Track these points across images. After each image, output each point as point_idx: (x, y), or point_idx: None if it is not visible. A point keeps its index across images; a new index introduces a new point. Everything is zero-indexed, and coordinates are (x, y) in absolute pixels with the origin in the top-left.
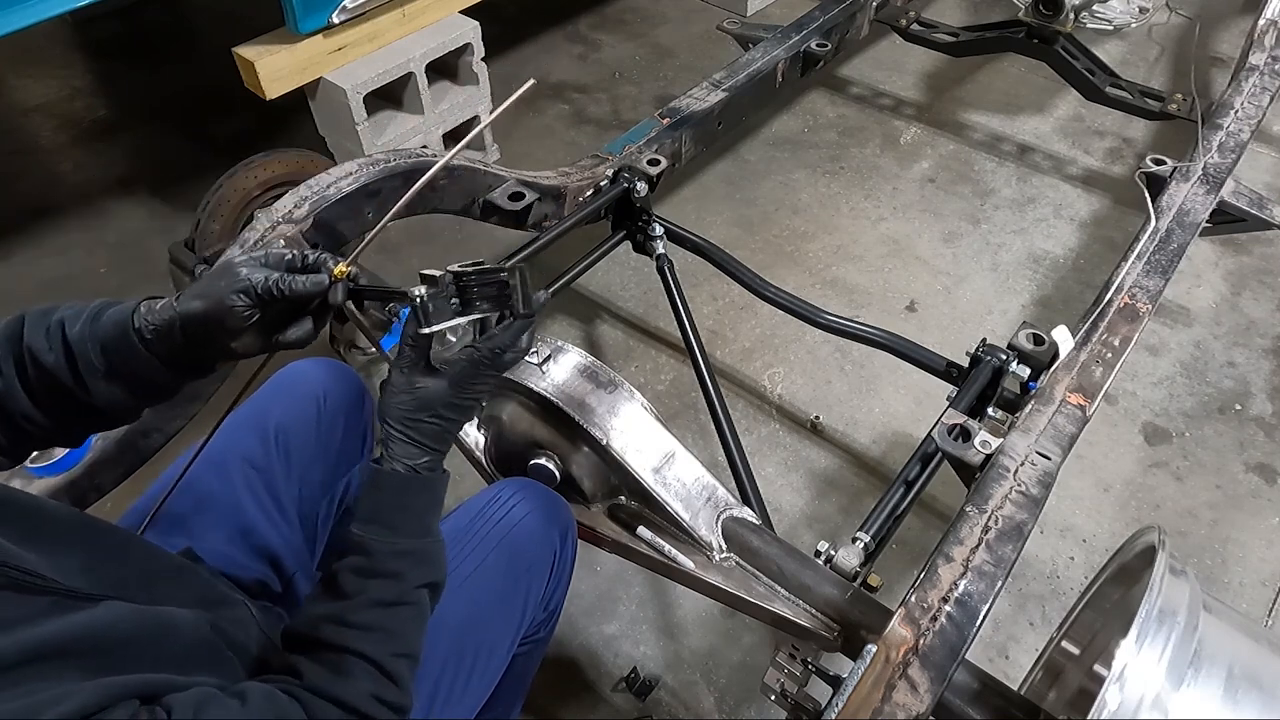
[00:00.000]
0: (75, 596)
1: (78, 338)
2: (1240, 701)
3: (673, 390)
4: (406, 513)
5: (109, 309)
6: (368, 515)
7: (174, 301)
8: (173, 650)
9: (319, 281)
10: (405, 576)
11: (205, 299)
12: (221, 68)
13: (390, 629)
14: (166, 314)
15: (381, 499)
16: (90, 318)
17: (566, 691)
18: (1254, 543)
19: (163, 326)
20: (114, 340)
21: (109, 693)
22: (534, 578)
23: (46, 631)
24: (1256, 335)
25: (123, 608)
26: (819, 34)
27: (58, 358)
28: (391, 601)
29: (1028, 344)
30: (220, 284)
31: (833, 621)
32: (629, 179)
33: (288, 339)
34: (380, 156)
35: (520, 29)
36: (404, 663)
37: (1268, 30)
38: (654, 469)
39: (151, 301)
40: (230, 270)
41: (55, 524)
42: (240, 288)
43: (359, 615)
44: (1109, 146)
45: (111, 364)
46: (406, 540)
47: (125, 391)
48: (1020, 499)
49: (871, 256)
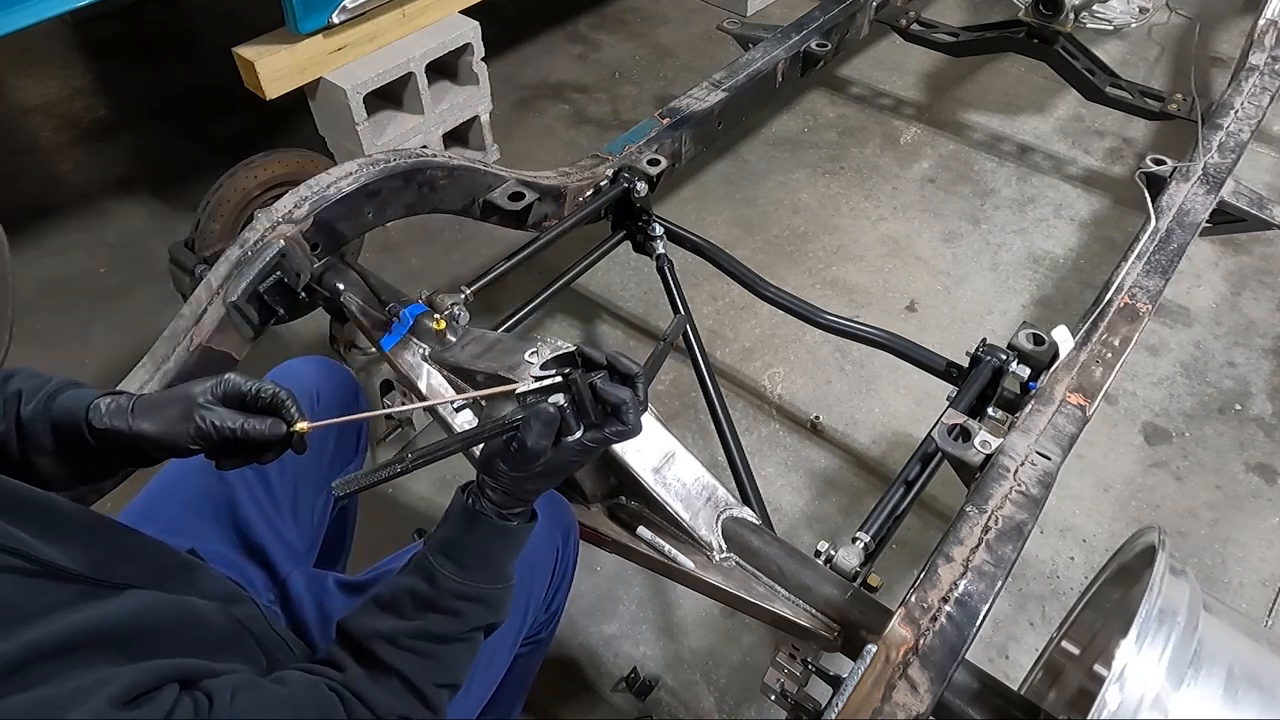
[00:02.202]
0: (102, 585)
1: (29, 416)
2: (1240, 701)
3: (673, 390)
4: (484, 558)
5: (66, 390)
6: (446, 549)
7: (129, 413)
8: (202, 638)
9: (278, 428)
10: (466, 617)
11: (160, 427)
12: (221, 68)
13: (438, 660)
14: (120, 422)
15: (465, 541)
16: (46, 396)
17: (566, 691)
18: (1254, 543)
19: (113, 431)
20: (65, 426)
21: (153, 675)
22: (536, 579)
23: (82, 618)
24: (1256, 335)
25: (151, 596)
26: (819, 34)
27: (8, 429)
28: (446, 637)
29: (1028, 344)
30: (177, 419)
31: (833, 621)
32: (629, 179)
33: (228, 467)
34: (380, 156)
35: (520, 29)
36: (445, 692)
37: (1268, 30)
38: (654, 469)
39: (111, 399)
40: (188, 406)
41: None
42: (197, 432)
43: (411, 641)
44: (1109, 146)
45: (59, 446)
46: (476, 585)
47: (68, 471)
48: (1020, 499)
49: (871, 256)
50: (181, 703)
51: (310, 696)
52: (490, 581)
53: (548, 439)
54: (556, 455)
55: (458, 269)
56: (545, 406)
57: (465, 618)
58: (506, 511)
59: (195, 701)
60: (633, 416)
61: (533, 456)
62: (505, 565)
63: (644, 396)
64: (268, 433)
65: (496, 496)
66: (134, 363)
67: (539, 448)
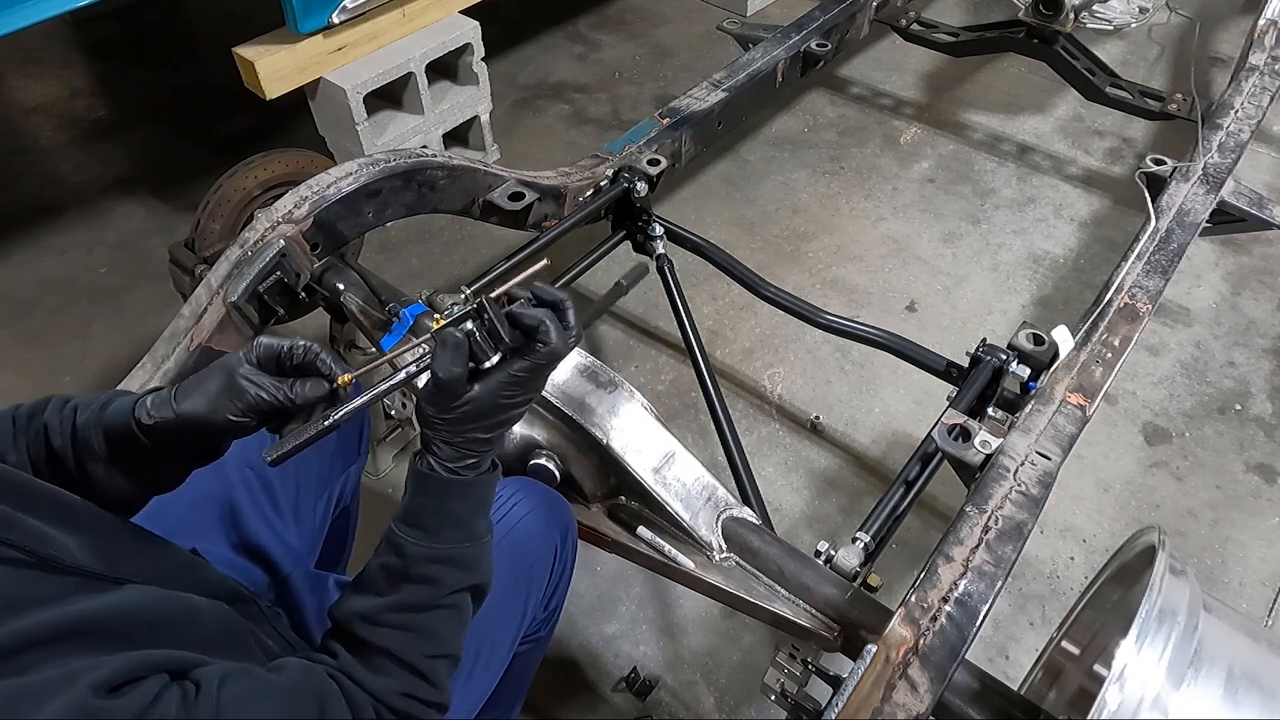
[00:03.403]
0: (101, 579)
1: (84, 423)
2: (1240, 701)
3: (673, 390)
4: (445, 516)
5: (118, 400)
6: (407, 517)
7: (172, 400)
8: (199, 634)
9: (321, 387)
10: (441, 582)
11: (205, 406)
12: (221, 68)
13: (422, 631)
14: (166, 412)
15: (422, 502)
16: (100, 405)
17: (566, 691)
18: (1254, 543)
19: (162, 422)
20: (116, 429)
21: (139, 663)
22: (535, 576)
23: (80, 609)
24: (1256, 335)
25: (150, 591)
26: (819, 34)
27: (64, 441)
28: (423, 606)
29: (1028, 344)
30: (220, 395)
31: (833, 621)
32: (629, 179)
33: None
34: (380, 156)
35: (520, 29)
36: (440, 663)
37: (1268, 30)
38: (654, 469)
39: (154, 393)
40: (231, 380)
41: (76, 514)
42: (246, 406)
43: (390, 616)
44: (1109, 146)
45: (113, 451)
46: (444, 546)
47: (126, 479)
48: (1020, 499)
49: (871, 256)
50: (168, 691)
51: (306, 682)
52: (458, 540)
53: (460, 365)
54: (484, 389)
55: (458, 269)
56: (450, 331)
57: (440, 582)
58: (455, 465)
59: (183, 690)
60: (554, 335)
61: (449, 388)
62: (473, 522)
63: (571, 322)
64: (313, 395)
65: (442, 451)
66: (134, 363)
67: (451, 375)
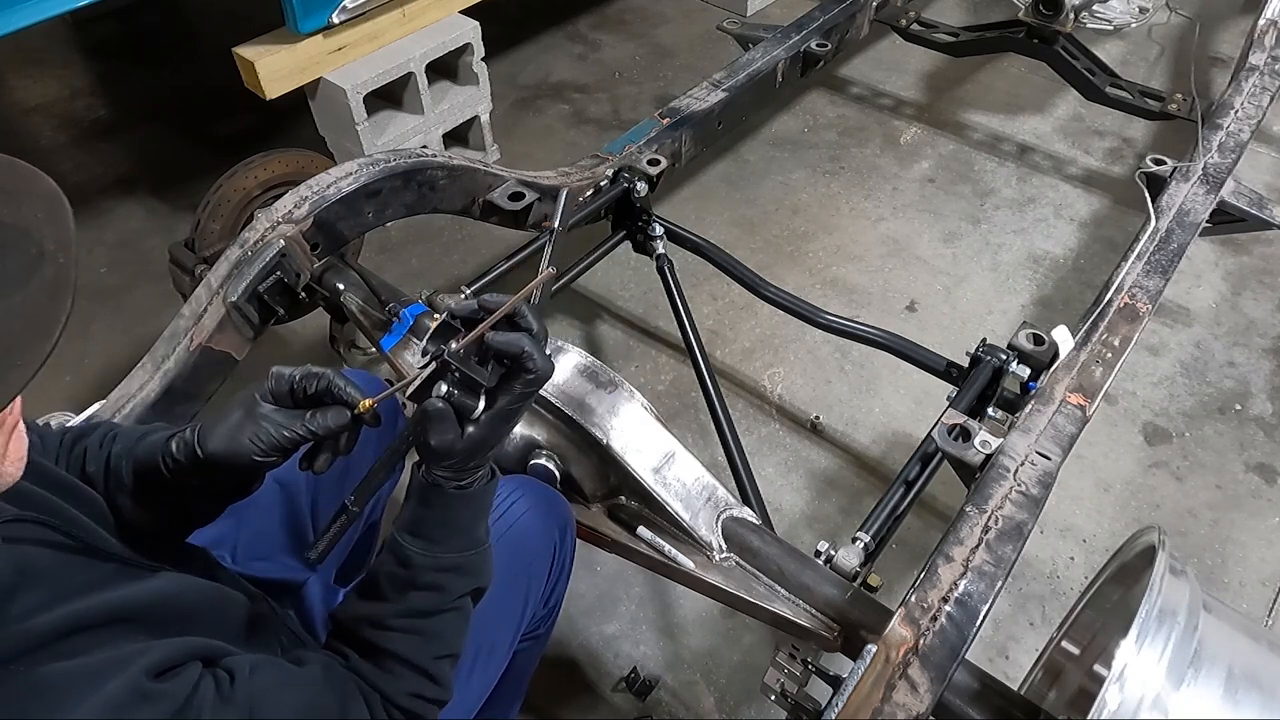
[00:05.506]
0: (138, 565)
1: (117, 453)
2: (1240, 701)
3: (673, 390)
4: (450, 528)
5: (152, 435)
6: (411, 527)
7: (196, 440)
8: (229, 623)
9: (342, 415)
10: (447, 589)
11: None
12: (221, 68)
13: (430, 634)
14: (192, 453)
15: (427, 515)
16: (139, 436)
17: (566, 691)
18: (1254, 543)
19: (184, 465)
20: (145, 465)
21: (180, 650)
22: (534, 574)
23: (123, 595)
24: (1256, 335)
25: (184, 579)
26: (819, 34)
27: (98, 468)
28: (430, 611)
29: (1028, 344)
30: (242, 434)
31: (833, 621)
32: (629, 179)
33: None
34: (380, 156)
35: (520, 29)
36: (444, 662)
37: (1268, 30)
38: (654, 469)
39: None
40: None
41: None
42: (270, 445)
43: (398, 621)
44: (1109, 146)
45: (139, 485)
46: (449, 555)
47: (147, 511)
48: (1020, 499)
49: (871, 256)
50: (204, 679)
51: (329, 675)
52: (463, 549)
53: (451, 430)
54: (478, 432)
55: (458, 269)
56: (432, 403)
57: (446, 590)
58: (461, 480)
59: (216, 678)
60: (538, 360)
61: (446, 450)
62: (475, 529)
63: (540, 329)
64: (335, 425)
65: (445, 472)
66: (134, 363)
67: (446, 442)
